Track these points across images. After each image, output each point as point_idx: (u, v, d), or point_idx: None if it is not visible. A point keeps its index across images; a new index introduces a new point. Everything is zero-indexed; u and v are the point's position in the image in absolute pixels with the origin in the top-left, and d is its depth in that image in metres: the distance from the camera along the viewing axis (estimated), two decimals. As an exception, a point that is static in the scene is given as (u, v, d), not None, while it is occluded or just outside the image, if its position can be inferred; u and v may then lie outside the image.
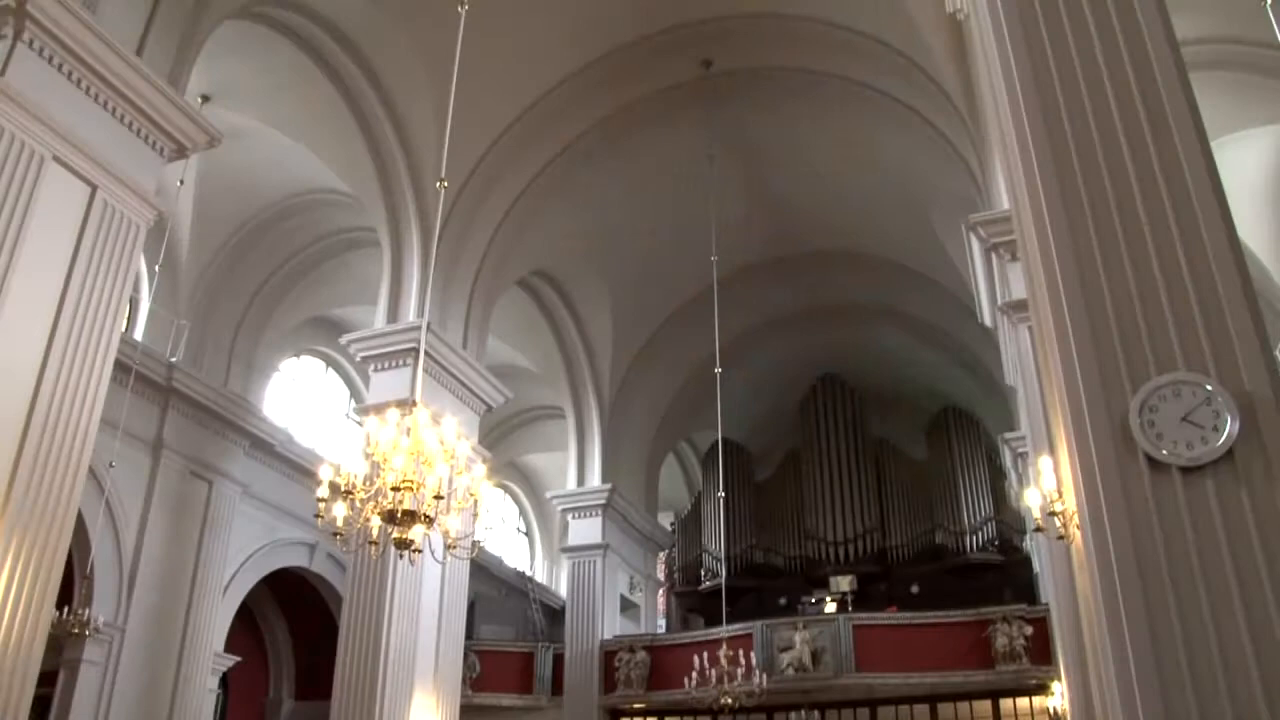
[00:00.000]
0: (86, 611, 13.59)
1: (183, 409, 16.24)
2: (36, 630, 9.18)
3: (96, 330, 10.14)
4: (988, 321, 13.31)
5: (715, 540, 22.26)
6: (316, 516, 6.90)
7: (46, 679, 11.39)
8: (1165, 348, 4.77)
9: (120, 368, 12.05)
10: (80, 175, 10.15)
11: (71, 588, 13.46)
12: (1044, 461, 7.00)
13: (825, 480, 22.17)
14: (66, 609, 12.90)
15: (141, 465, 15.59)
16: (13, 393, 9.26)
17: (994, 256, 11.51)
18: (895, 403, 23.76)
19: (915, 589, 21.44)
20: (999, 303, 11.64)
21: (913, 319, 21.40)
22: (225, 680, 17.76)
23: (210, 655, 16.31)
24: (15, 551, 9.03)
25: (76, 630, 13.31)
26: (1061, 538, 6.66)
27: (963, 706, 17.67)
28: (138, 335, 16.07)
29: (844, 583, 20.76)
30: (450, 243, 15.65)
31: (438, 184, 9.95)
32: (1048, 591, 14.31)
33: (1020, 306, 10.42)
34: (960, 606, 17.95)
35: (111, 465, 13.85)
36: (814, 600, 20.31)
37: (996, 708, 17.40)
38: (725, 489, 18.01)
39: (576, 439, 21.33)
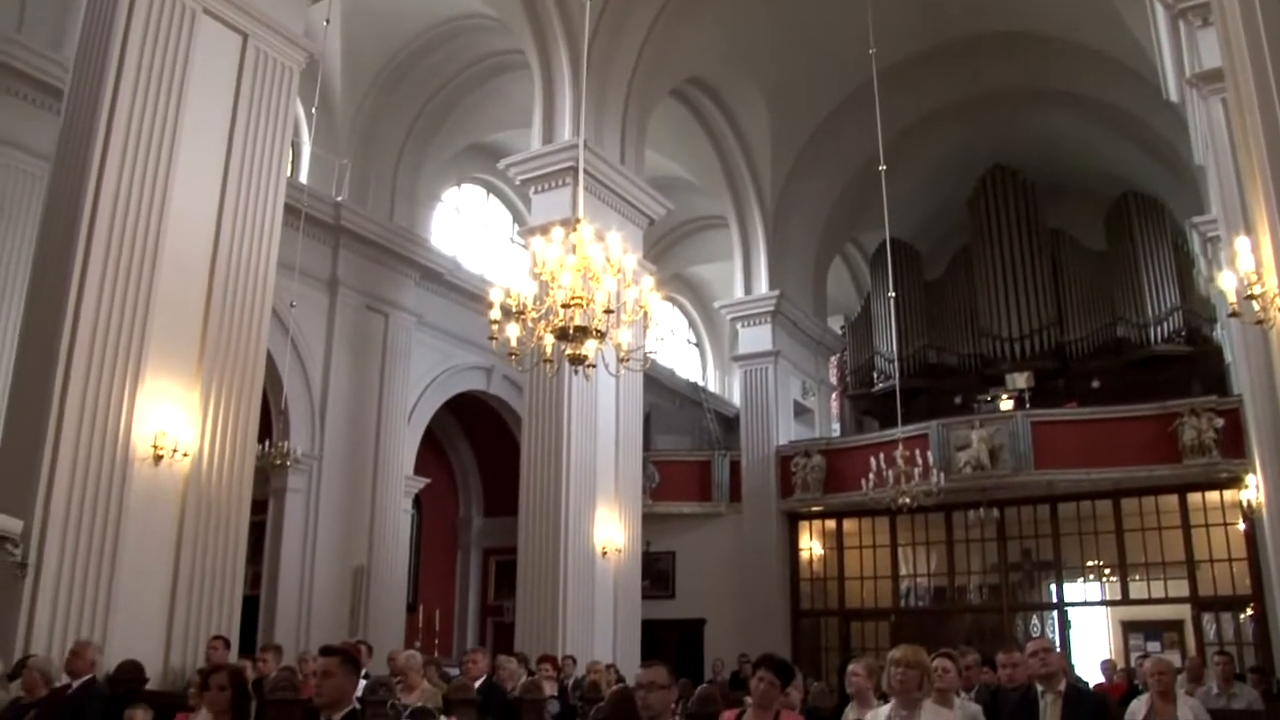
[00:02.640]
0: (285, 444, 14.41)
1: (353, 246, 16.66)
2: (244, 463, 9.78)
3: (263, 176, 10.39)
4: (1173, 96, 12.41)
5: (887, 342, 21.96)
6: (490, 339, 6.99)
7: (258, 507, 12.17)
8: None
9: (290, 211, 12.34)
10: (231, 25, 10.25)
11: (269, 423, 14.22)
12: (1240, 242, 6.51)
13: (998, 275, 21.42)
14: (268, 442, 13.69)
15: (320, 303, 16.16)
16: (196, 245, 9.63)
17: (1181, 23, 10.65)
18: (1070, 191, 22.58)
19: (1095, 384, 20.79)
20: (1187, 75, 10.90)
21: (1086, 100, 20.05)
22: (417, 501, 18.69)
23: (401, 478, 17.15)
24: (216, 393, 9.54)
25: (279, 461, 14.15)
26: (1260, 322, 6.24)
27: (1147, 501, 17.35)
28: (303, 178, 16.43)
29: (1020, 380, 20.31)
30: (599, 57, 15.33)
31: (583, -6, 9.65)
32: (1241, 381, 13.69)
33: (1213, 77, 9.69)
34: (1144, 400, 17.39)
35: (293, 305, 14.40)
36: (989, 398, 19.98)
37: (1184, 502, 17.02)
38: (895, 289, 17.57)
39: (741, 247, 21.14)
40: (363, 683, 6.49)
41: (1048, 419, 17.69)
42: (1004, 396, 19.69)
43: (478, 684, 8.76)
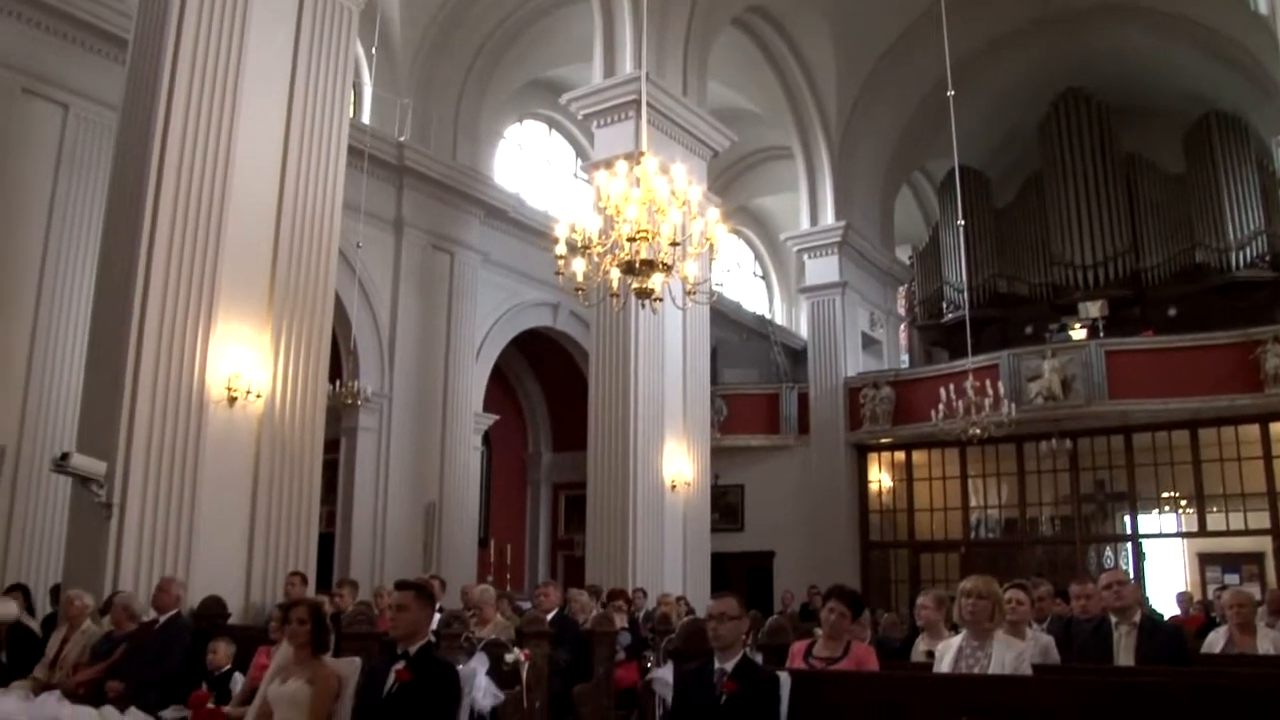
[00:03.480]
0: (355, 383, 14.61)
1: (417, 185, 16.69)
2: (316, 402, 9.92)
3: (326, 119, 10.42)
4: (1262, 8, 11.91)
5: (956, 271, 21.63)
6: (556, 274, 6.97)
7: (331, 446, 12.36)
8: None
9: (354, 152, 12.38)
10: (290, -31, 10.21)
11: (339, 363, 14.41)
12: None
13: (1071, 202, 20.85)
14: (338, 382, 13.89)
15: (386, 244, 16.25)
16: (262, 190, 9.69)
17: (1270, -72, 10.19)
18: (1147, 113, 21.85)
19: (1172, 311, 20.26)
20: (1278, -16, 10.43)
21: (1164, 15, 19.32)
22: (487, 437, 18.88)
23: (471, 415, 17.31)
24: (286, 334, 9.65)
25: (349, 400, 14.36)
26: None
27: (1226, 431, 16.98)
28: (365, 119, 16.43)
29: (1093, 308, 19.85)
30: (659, -14, 15.12)
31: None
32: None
33: (1306, -15, 9.27)
34: (1224, 328, 16.97)
35: (359, 246, 14.51)
36: (1061, 328, 19.63)
37: (1266, 432, 16.62)
38: (964, 217, 17.21)
39: (807, 178, 20.87)
40: (437, 616, 6.59)
41: (1122, 348, 17.36)
42: (1076, 325, 19.32)
43: (550, 617, 8.87)
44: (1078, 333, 18.93)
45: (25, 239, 12.05)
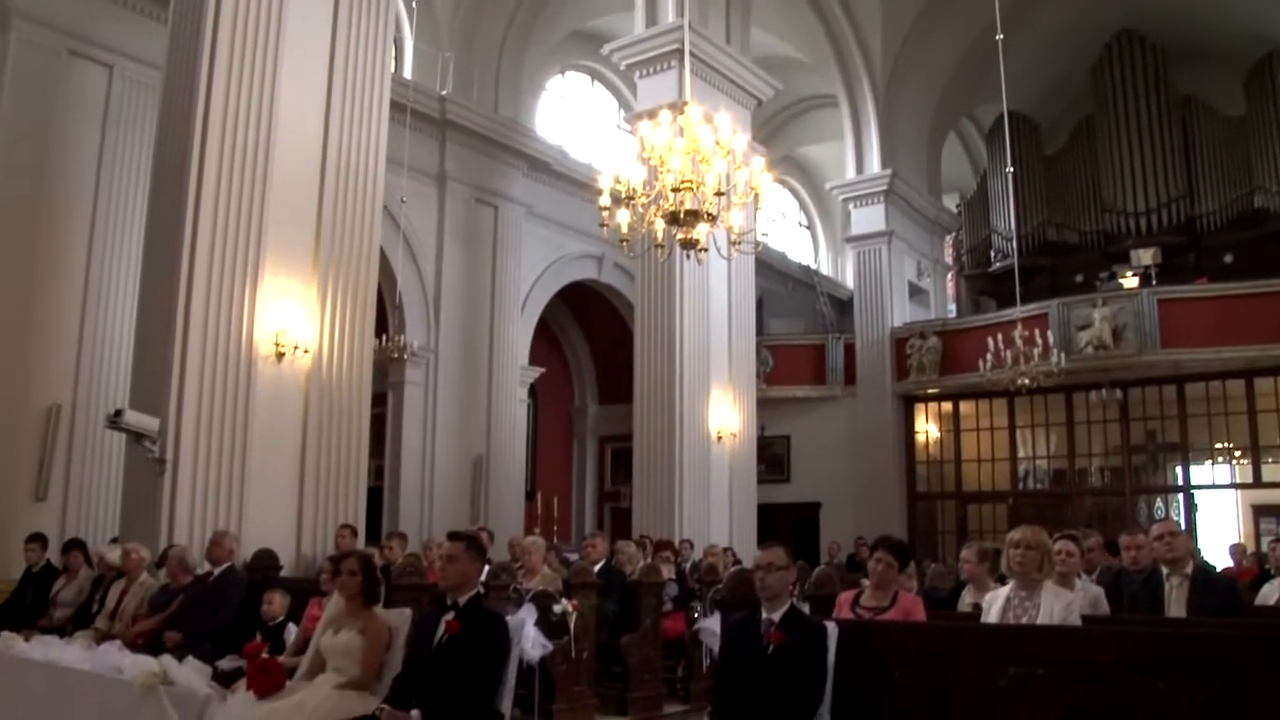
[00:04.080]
0: (402, 338, 14.70)
1: (460, 139, 16.65)
2: (363, 357, 9.98)
3: (368, 73, 10.39)
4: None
5: (1004, 219, 21.32)
6: (601, 226, 6.94)
7: (378, 400, 12.45)
8: None
9: (396, 107, 12.34)
10: (327, -81, 10.14)
11: (385, 318, 14.48)
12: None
13: (1124, 147, 20.40)
14: (384, 337, 13.97)
15: (430, 198, 16.26)
16: (305, 145, 9.71)
17: None
18: (1205, 54, 21.23)
19: (1229, 259, 19.87)
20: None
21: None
22: (533, 390, 18.95)
23: (516, 368, 17.38)
24: (333, 290, 9.71)
25: (396, 355, 14.46)
26: None
27: (1284, 380, 16.71)
28: (406, 73, 16.38)
29: (1146, 256, 19.49)
30: (700, -66, 14.90)
31: None
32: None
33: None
34: (1284, 275, 16.62)
35: (403, 201, 14.53)
36: (1112, 276, 19.32)
37: (1324, 383, 16.34)
38: (1013, 164, 16.92)
39: (852, 126, 20.62)
40: (485, 568, 6.65)
41: (1175, 296, 17.07)
42: (1128, 274, 19.02)
43: (597, 568, 8.93)
44: (1129, 281, 18.64)
45: (74, 200, 12.20)
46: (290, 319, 9.29)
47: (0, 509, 11.38)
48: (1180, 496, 17.73)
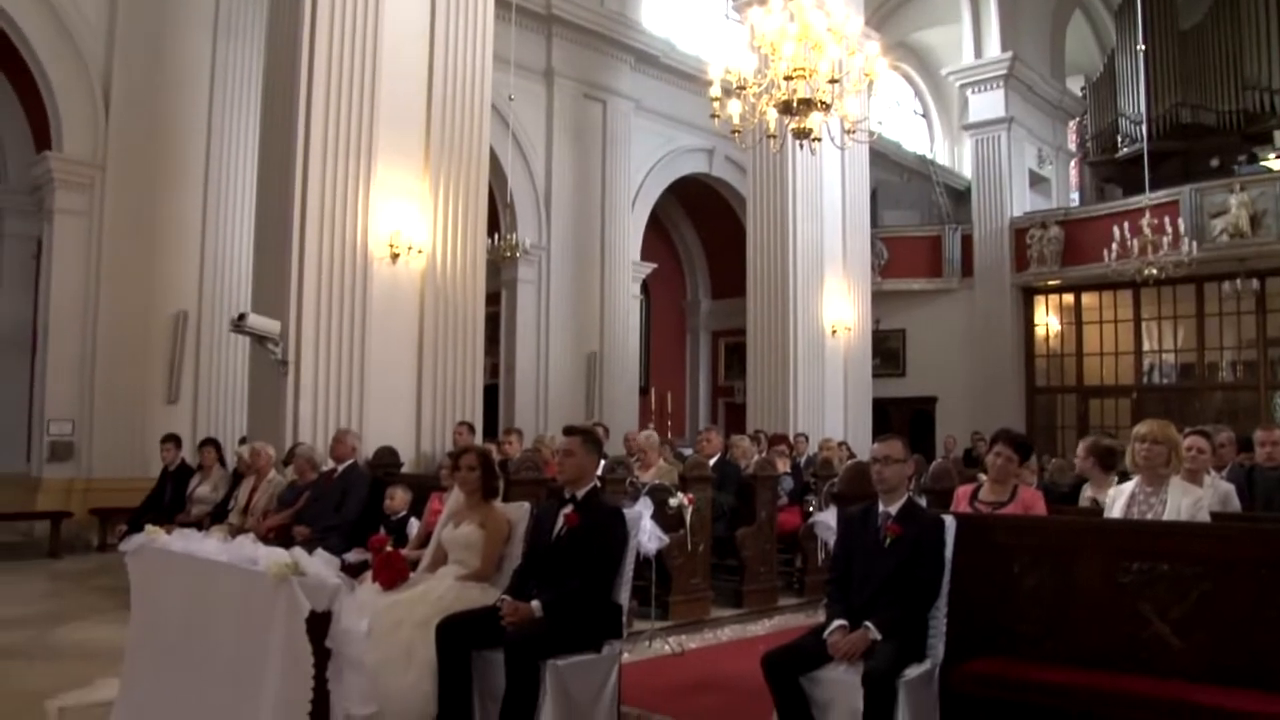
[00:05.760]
0: (514, 236, 14.77)
1: (566, 34, 16.46)
2: (476, 256, 10.05)
3: (473, -31, 10.26)
4: None
5: (1133, 102, 20.32)
6: (712, 118, 6.81)
7: (491, 299, 12.60)
8: None
9: (501, 3, 12.20)
10: None
11: (497, 217, 14.55)
12: None
13: (1271, 18, 19.03)
14: (496, 235, 14.06)
15: (538, 95, 16.17)
16: (413, 45, 9.67)
17: None
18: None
19: (1379, 137, 18.75)
20: None
21: None
22: (645, 286, 18.96)
23: (628, 264, 17.39)
24: (444, 190, 9.75)
25: (508, 254, 14.56)
26: None
27: None
28: (511, -33, 16.20)
29: (1291, 137, 18.51)
30: None
31: None
32: None
33: None
34: None
35: (511, 99, 14.47)
36: (1251, 158, 18.38)
37: None
38: (1145, 41, 16.12)
39: (970, 7, 19.96)
40: (602, 462, 6.72)
41: (1323, 178, 16.18)
42: (1271, 156, 18.08)
43: (712, 461, 8.98)
44: (1273, 163, 17.72)
45: (190, 112, 12.57)
46: (404, 220, 9.38)
47: (136, 412, 12.04)
48: (1319, 395, 17.05)
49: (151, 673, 4.08)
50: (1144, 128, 19.44)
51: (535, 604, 4.52)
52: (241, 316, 8.68)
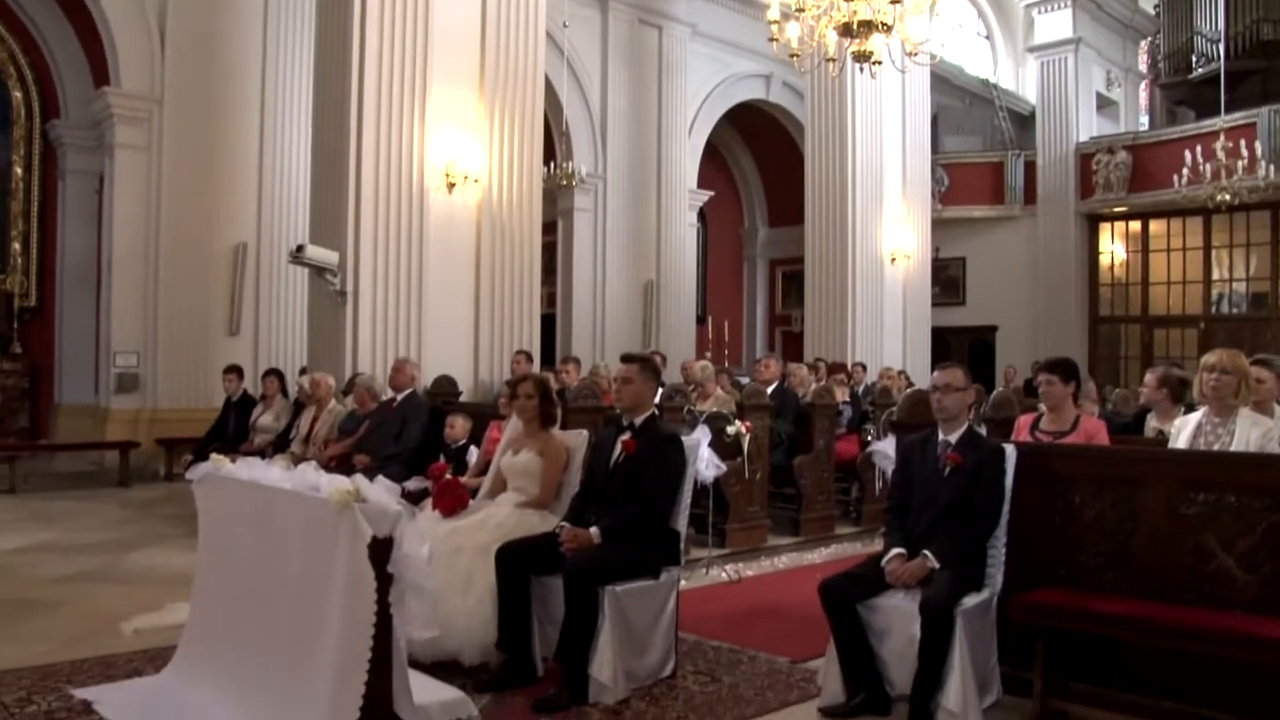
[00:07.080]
0: (569, 165, 14.67)
1: (622, -43, 16.23)
2: (532, 185, 10.02)
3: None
4: None
5: (1210, 19, 19.51)
6: (770, 41, 6.69)
7: (548, 228, 12.56)
8: None
9: (555, -74, 12.09)
10: None
11: (553, 145, 14.47)
12: None
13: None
14: (552, 164, 13.98)
15: (592, 21, 15.95)
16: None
17: None
18: None
19: None
20: None
21: None
22: (702, 214, 18.82)
23: (685, 192, 17.23)
24: (500, 119, 9.70)
25: (564, 182, 14.47)
26: None
27: None
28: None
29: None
30: None
31: None
32: None
33: None
34: None
35: (565, 25, 14.30)
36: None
37: None
38: (1226, -49, 15.57)
39: (1038, -78, 19.27)
40: (659, 390, 6.73)
41: None
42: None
43: (770, 389, 8.95)
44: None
45: (245, 45, 12.68)
46: (460, 150, 9.35)
47: (199, 344, 12.29)
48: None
49: (219, 597, 4.18)
50: (1221, 46, 18.76)
51: (594, 530, 4.56)
52: (300, 248, 8.73)
